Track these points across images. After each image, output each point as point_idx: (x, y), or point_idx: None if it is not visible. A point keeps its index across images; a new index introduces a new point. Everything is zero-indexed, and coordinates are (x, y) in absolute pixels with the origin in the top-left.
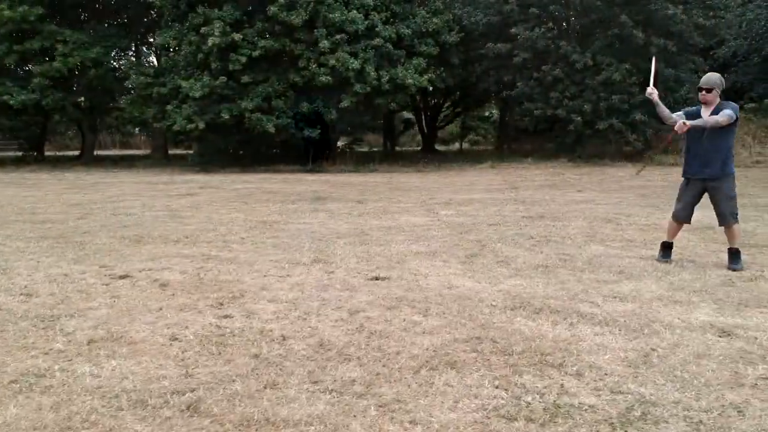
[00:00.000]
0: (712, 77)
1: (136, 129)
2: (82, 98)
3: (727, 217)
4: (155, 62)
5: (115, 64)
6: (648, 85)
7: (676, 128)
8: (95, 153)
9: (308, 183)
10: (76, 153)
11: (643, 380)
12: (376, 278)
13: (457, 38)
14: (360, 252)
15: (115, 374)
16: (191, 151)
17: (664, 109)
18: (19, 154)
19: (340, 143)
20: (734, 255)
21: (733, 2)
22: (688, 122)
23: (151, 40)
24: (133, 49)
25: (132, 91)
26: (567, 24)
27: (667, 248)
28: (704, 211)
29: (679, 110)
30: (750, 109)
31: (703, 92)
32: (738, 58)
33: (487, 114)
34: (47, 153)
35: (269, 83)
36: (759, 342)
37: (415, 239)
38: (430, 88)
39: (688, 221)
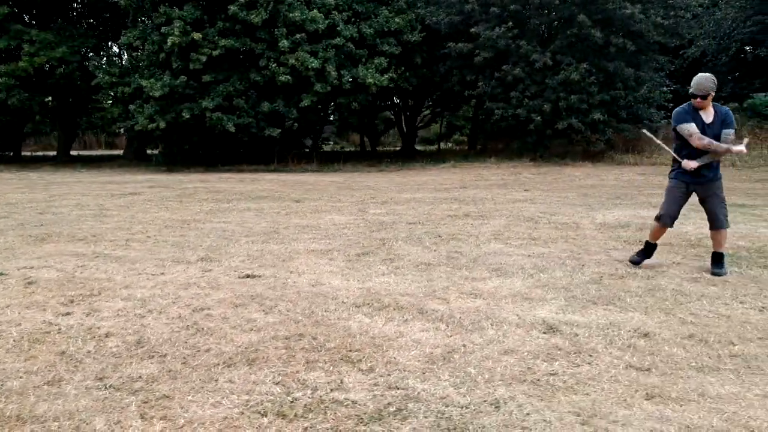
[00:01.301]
0: (704, 83)
1: (121, 129)
2: (50, 98)
3: (722, 220)
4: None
5: (95, 63)
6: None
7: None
8: (77, 153)
9: (263, 182)
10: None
11: (428, 376)
12: (248, 276)
13: (419, 37)
14: (254, 250)
15: None
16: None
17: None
18: None
19: (320, 142)
20: (719, 259)
21: (695, 1)
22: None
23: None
24: (114, 49)
25: (101, 91)
26: (528, 23)
27: (651, 250)
28: (629, 210)
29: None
30: (732, 109)
31: (699, 99)
32: (707, 57)
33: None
34: (26, 153)
35: (230, 83)
36: (577, 339)
37: (321, 237)
38: (392, 86)
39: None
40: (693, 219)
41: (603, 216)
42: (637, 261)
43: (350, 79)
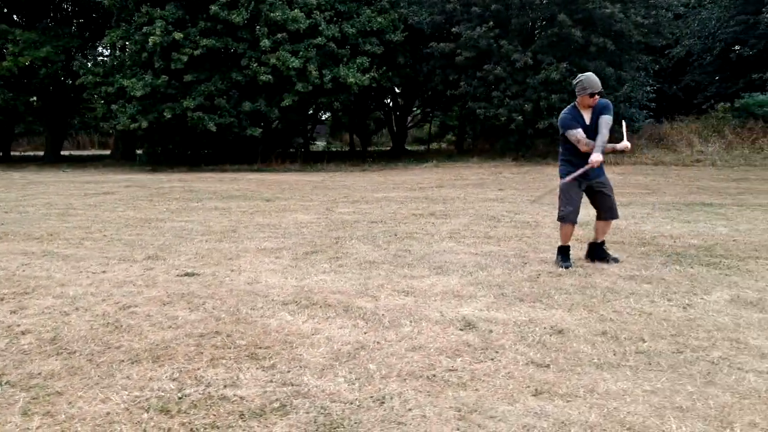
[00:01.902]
0: (597, 80)
1: (111, 129)
2: (35, 98)
3: (615, 211)
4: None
5: (79, 63)
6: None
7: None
8: (69, 153)
9: (242, 182)
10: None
11: (326, 373)
12: (187, 274)
13: (401, 37)
14: (204, 249)
15: None
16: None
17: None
18: None
19: (318, 143)
20: (602, 245)
21: (676, 1)
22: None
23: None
24: (101, 49)
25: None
26: (509, 23)
27: (566, 252)
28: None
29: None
30: (724, 109)
31: (597, 96)
32: (693, 57)
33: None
34: (15, 153)
35: (212, 82)
36: (490, 336)
37: (277, 236)
38: (374, 85)
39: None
40: (656, 218)
41: None
42: (568, 265)
43: (332, 79)
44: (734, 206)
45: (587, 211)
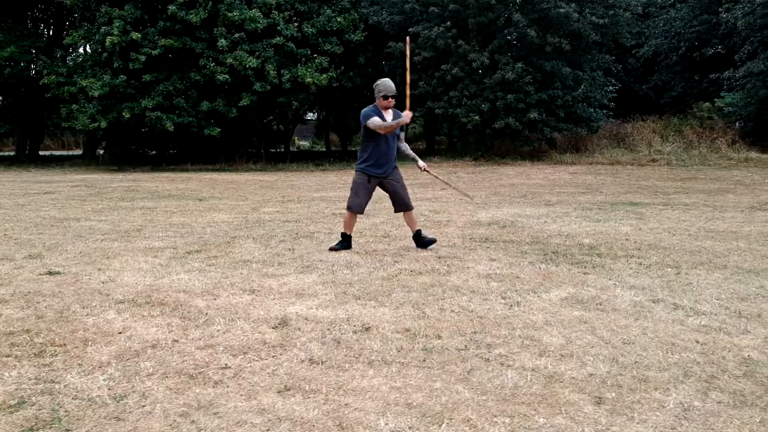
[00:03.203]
0: (392, 85)
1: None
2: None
3: (409, 203)
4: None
5: (42, 63)
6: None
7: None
8: (49, 153)
9: (193, 182)
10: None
11: (95, 371)
12: (50, 273)
13: (361, 37)
14: (91, 248)
15: None
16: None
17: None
18: None
19: (303, 143)
20: (421, 234)
21: (636, 0)
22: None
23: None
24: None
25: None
26: (467, 23)
27: (348, 240)
28: (516, 208)
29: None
30: (708, 109)
31: (390, 99)
32: (660, 56)
33: None
34: None
35: (170, 82)
36: (294, 334)
37: (176, 236)
38: (335, 85)
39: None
40: (569, 218)
41: (485, 213)
42: (336, 248)
43: (291, 79)
44: (659, 205)
45: (520, 210)
